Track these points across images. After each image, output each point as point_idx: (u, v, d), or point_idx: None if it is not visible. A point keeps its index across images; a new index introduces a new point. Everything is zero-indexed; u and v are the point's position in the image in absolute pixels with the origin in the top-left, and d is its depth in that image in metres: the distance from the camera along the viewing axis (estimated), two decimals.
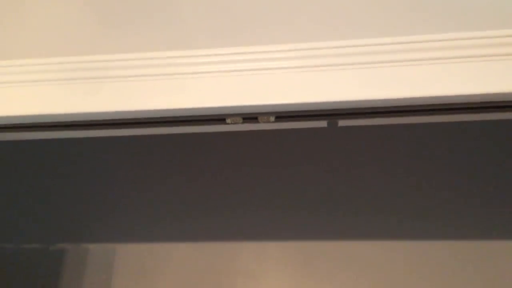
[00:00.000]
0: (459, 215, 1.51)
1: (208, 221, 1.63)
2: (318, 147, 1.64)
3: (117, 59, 0.88)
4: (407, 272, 1.47)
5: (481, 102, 0.80)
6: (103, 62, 0.89)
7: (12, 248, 1.70)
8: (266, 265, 1.56)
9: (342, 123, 0.90)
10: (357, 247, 1.52)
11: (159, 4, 0.90)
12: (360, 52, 0.82)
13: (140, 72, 0.87)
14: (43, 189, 1.76)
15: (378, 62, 0.81)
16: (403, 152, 1.61)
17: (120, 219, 1.68)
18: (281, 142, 1.67)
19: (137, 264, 1.61)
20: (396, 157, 1.61)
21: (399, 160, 1.60)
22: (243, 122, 0.87)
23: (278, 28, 0.86)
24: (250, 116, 0.86)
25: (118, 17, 0.91)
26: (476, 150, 1.56)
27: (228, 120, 0.87)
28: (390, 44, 0.82)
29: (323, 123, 0.90)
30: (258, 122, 0.87)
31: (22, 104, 0.90)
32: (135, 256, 1.62)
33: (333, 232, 1.55)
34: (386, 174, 1.59)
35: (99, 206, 1.71)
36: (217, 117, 0.86)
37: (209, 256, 1.59)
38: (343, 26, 0.84)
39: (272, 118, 0.86)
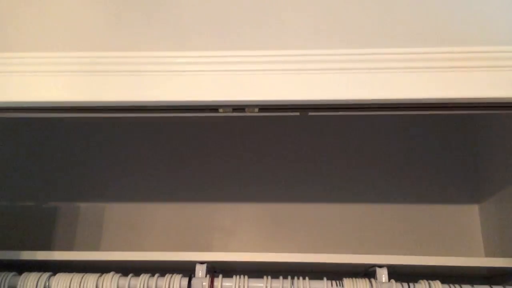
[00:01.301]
0: (399, 186, 1.79)
1: (190, 184, 1.83)
2: (291, 129, 1.88)
3: (126, 56, 1.04)
4: (355, 229, 1.75)
5: (420, 104, 1.03)
6: (114, 58, 1.04)
7: (7, 206, 1.85)
8: (239, 223, 1.78)
9: (311, 113, 1.10)
10: (316, 209, 1.78)
11: (164, 11, 1.07)
12: (328, 60, 1.02)
13: (145, 69, 1.03)
14: (38, 153, 1.90)
15: (342, 69, 1.02)
16: (358, 134, 1.87)
17: (110, 181, 1.85)
18: (255, 121, 1.88)
19: (124, 221, 1.79)
20: (352, 138, 1.87)
21: (355, 140, 1.86)
22: (232, 112, 1.07)
23: (262, 37, 1.05)
24: (239, 107, 1.05)
25: (127, 20, 1.07)
26: (400, 137, 1.86)
27: (220, 110, 1.06)
28: (352, 55, 1.02)
29: (296, 113, 1.10)
30: (245, 112, 1.07)
31: (41, 92, 1.05)
32: (122, 214, 1.80)
33: (297, 196, 1.80)
34: (342, 150, 1.84)
35: (90, 169, 1.87)
36: (211, 108, 1.05)
37: (189, 214, 1.79)
38: (316, 38, 1.04)
39: (257, 110, 1.05)
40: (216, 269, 1.54)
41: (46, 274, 1.36)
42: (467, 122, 1.85)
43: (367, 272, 1.48)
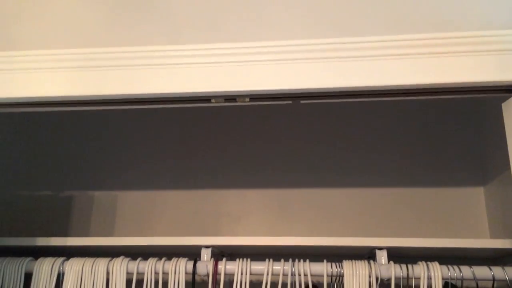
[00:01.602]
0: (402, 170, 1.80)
1: (198, 172, 1.89)
2: (296, 117, 1.91)
3: (122, 51, 1.09)
4: (361, 213, 1.77)
5: (409, 90, 1.04)
6: (110, 53, 1.10)
7: (25, 195, 1.94)
8: (247, 209, 1.82)
9: (303, 101, 1.12)
10: (322, 194, 1.81)
11: (156, 7, 1.11)
12: (315, 49, 1.05)
13: (140, 63, 1.08)
14: (54, 145, 1.99)
15: (329, 57, 1.04)
16: (362, 120, 1.88)
17: (122, 170, 1.92)
18: (260, 110, 1.91)
19: (136, 209, 1.86)
20: (356, 124, 1.88)
21: (358, 125, 1.88)
22: (224, 102, 1.11)
23: (252, 28, 1.07)
24: (230, 98, 1.09)
25: (121, 17, 1.11)
26: (405, 121, 1.86)
27: (212, 100, 1.10)
28: (339, 43, 1.04)
29: (288, 101, 1.13)
30: (236, 102, 1.10)
31: (43, 87, 1.11)
32: (134, 202, 1.87)
33: (302, 182, 1.83)
34: (346, 136, 1.86)
35: (104, 159, 1.94)
36: (204, 98, 1.09)
37: (198, 201, 1.85)
38: (304, 28, 1.06)
39: (247, 99, 1.09)
40: (224, 254, 1.59)
41: (60, 259, 1.43)
42: (472, 106, 1.83)
43: (371, 254, 1.51)
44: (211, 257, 1.44)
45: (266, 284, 1.35)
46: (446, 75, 0.99)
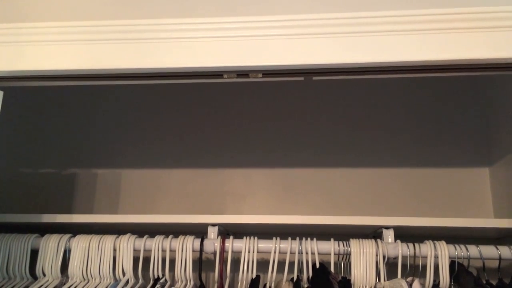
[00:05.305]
0: (405, 150, 1.80)
1: (203, 151, 1.88)
2: (300, 96, 1.90)
3: (132, 24, 1.07)
4: (366, 194, 1.77)
5: (421, 66, 1.03)
6: (120, 26, 1.07)
7: (29, 173, 1.92)
8: (252, 188, 1.82)
9: (315, 77, 1.11)
10: (327, 173, 1.80)
11: None
12: (330, 24, 1.03)
13: (152, 36, 1.06)
14: (58, 122, 1.97)
15: (343, 32, 1.02)
16: (367, 98, 1.87)
17: (126, 148, 1.90)
18: (266, 88, 1.90)
19: (140, 186, 1.86)
20: (361, 103, 1.87)
21: (364, 105, 1.87)
22: (236, 77, 1.09)
23: (266, 2, 1.05)
24: (243, 73, 1.07)
25: None
26: (411, 100, 1.85)
27: (224, 76, 1.08)
28: (353, 18, 1.02)
29: (300, 78, 1.11)
30: (249, 77, 1.08)
31: (51, 60, 1.08)
32: (138, 180, 1.87)
33: (307, 162, 1.82)
34: (351, 115, 1.86)
35: (108, 137, 1.93)
36: (216, 73, 1.07)
37: (203, 180, 1.84)
38: (319, 2, 1.04)
39: (260, 75, 1.07)
40: (229, 232, 1.59)
41: (67, 236, 1.43)
42: (478, 85, 1.83)
43: (376, 234, 1.51)
44: (218, 235, 1.44)
45: (273, 262, 1.35)
46: (459, 51, 0.98)
